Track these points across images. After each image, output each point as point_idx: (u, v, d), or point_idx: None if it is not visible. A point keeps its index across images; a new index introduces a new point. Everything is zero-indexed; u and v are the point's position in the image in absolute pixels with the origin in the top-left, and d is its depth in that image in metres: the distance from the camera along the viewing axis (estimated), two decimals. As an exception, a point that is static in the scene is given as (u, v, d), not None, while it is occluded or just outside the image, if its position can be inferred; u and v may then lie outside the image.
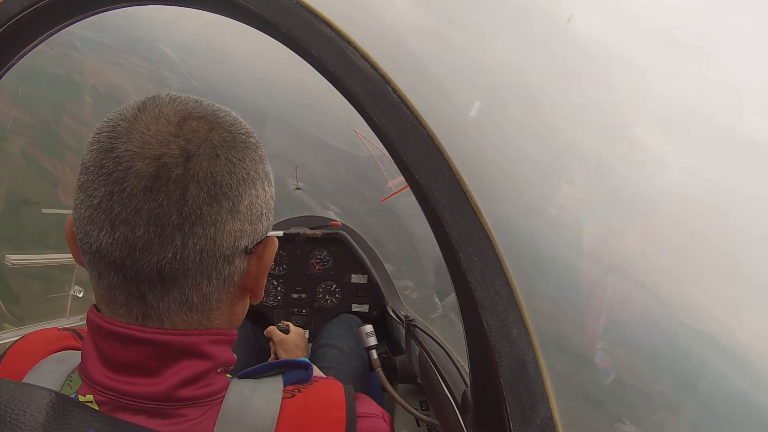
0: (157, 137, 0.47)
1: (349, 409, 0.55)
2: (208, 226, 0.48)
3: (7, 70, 0.96)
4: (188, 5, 0.90)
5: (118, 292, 0.49)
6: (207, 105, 0.52)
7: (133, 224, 0.46)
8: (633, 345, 2.94)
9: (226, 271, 0.51)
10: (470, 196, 0.72)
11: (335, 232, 2.16)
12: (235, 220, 0.50)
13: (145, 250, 0.46)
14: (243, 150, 0.51)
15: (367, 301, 2.09)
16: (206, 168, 0.47)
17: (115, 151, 0.47)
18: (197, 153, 0.47)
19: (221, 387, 0.52)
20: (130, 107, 0.50)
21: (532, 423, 0.67)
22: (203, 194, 0.47)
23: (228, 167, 0.49)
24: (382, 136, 0.75)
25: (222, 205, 0.48)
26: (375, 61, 0.77)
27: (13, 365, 0.58)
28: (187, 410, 0.49)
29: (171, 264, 0.47)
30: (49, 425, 0.41)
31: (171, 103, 0.51)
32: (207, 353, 0.51)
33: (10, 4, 0.87)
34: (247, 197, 0.50)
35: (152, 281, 0.48)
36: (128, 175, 0.46)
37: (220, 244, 0.49)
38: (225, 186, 0.48)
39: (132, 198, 0.46)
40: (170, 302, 0.49)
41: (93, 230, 0.47)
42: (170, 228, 0.46)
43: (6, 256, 2.01)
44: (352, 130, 2.97)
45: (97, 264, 0.49)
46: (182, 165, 0.47)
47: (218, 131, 0.50)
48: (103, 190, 0.46)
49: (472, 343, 0.74)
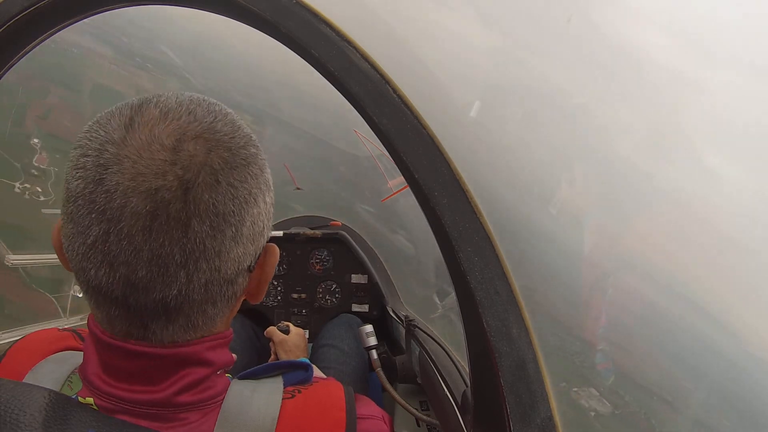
0: (151, 167, 0.43)
1: (349, 410, 0.55)
2: (212, 258, 0.45)
3: (7, 70, 0.96)
4: (188, 5, 0.90)
5: (118, 322, 0.48)
6: (202, 115, 0.47)
7: (133, 265, 0.43)
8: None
9: (230, 292, 0.50)
10: (470, 196, 0.72)
11: (335, 232, 2.16)
12: (239, 245, 0.47)
13: (148, 289, 0.44)
14: (244, 168, 0.47)
15: (367, 301, 2.08)
16: (207, 199, 0.44)
17: (105, 184, 0.42)
18: (196, 182, 0.44)
19: (221, 389, 0.52)
20: (116, 125, 0.45)
21: (532, 423, 0.67)
22: (206, 228, 0.44)
23: (230, 192, 0.46)
24: (382, 136, 0.75)
25: (225, 234, 0.46)
26: (375, 61, 0.77)
27: (13, 365, 0.58)
28: (186, 414, 0.49)
29: (176, 299, 0.45)
30: (49, 425, 0.41)
31: (162, 119, 0.45)
32: (207, 360, 0.51)
33: (10, 4, 0.87)
34: (250, 218, 0.48)
35: (157, 314, 0.46)
36: (123, 213, 0.42)
37: (224, 272, 0.47)
38: (227, 214, 0.45)
39: (131, 239, 0.42)
40: (175, 330, 0.48)
41: (90, 268, 0.44)
42: (174, 267, 0.44)
43: (6, 256, 2.01)
44: (352, 130, 2.97)
45: (95, 296, 0.47)
46: (181, 198, 0.43)
47: (217, 151, 0.46)
48: (97, 229, 0.43)
49: (472, 343, 0.74)
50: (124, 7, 0.93)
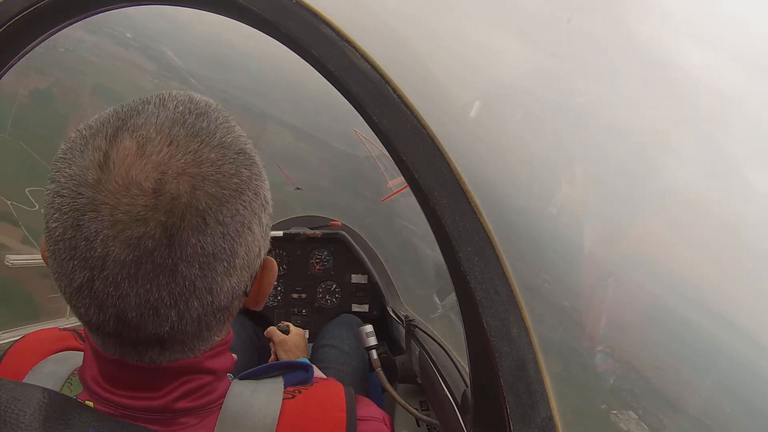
0: (131, 213, 0.39)
1: (350, 411, 0.55)
2: (204, 295, 0.43)
3: (7, 70, 0.96)
4: (188, 5, 0.90)
5: (111, 349, 0.47)
6: (185, 144, 0.42)
7: (122, 308, 0.42)
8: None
9: (225, 316, 0.49)
10: (470, 196, 0.72)
11: (335, 232, 2.16)
12: (232, 278, 0.45)
13: (140, 327, 0.43)
14: (236, 200, 0.43)
15: (367, 301, 2.08)
16: (194, 243, 0.41)
17: (83, 230, 0.40)
18: (182, 226, 0.40)
19: (222, 393, 0.52)
20: (89, 162, 0.41)
21: (532, 423, 0.67)
22: (195, 270, 0.42)
23: (219, 231, 0.42)
24: (382, 136, 0.75)
25: (216, 270, 0.43)
26: (375, 61, 0.77)
27: (13, 365, 0.58)
28: (186, 419, 0.49)
29: (170, 333, 0.44)
30: (49, 425, 0.41)
31: (140, 156, 0.40)
32: (208, 369, 0.51)
33: (10, 4, 0.87)
34: (243, 248, 0.45)
35: (151, 344, 0.46)
36: (106, 262, 0.40)
37: (218, 304, 0.45)
38: (218, 252, 0.43)
39: (116, 286, 0.41)
40: (172, 354, 0.48)
41: (79, 306, 0.44)
42: (164, 308, 0.42)
43: (6, 256, 2.01)
44: (352, 130, 2.97)
45: (88, 328, 0.46)
46: (166, 245, 0.40)
47: (203, 188, 0.41)
48: (81, 276, 0.41)
49: (472, 343, 0.74)
50: (124, 7, 0.94)
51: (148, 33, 4.19)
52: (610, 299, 4.03)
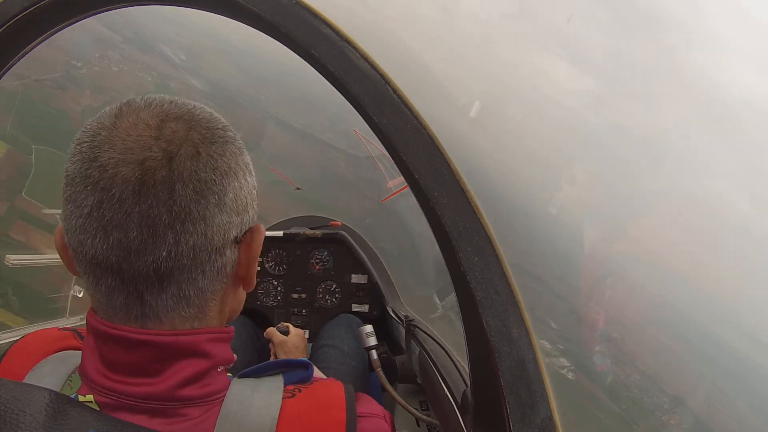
0: (139, 142, 0.48)
1: (350, 409, 0.55)
2: (198, 222, 0.49)
3: (7, 70, 0.96)
4: (188, 5, 0.90)
5: (116, 296, 0.50)
6: (182, 104, 0.53)
7: (125, 228, 0.47)
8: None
9: (219, 263, 0.52)
10: (470, 196, 0.72)
11: (335, 232, 2.16)
12: (223, 213, 0.51)
13: (140, 252, 0.48)
14: (222, 145, 0.52)
15: (367, 301, 2.08)
16: (189, 166, 0.49)
17: (98, 160, 0.48)
18: (179, 153, 0.49)
19: (222, 386, 0.53)
20: (107, 115, 0.51)
21: (532, 423, 0.67)
22: (189, 192, 0.48)
23: (210, 163, 0.50)
24: (382, 136, 0.75)
25: (208, 200, 0.50)
26: (375, 61, 0.77)
27: (13, 365, 0.58)
28: (187, 410, 0.49)
29: (166, 262, 0.48)
30: (49, 425, 0.42)
31: (147, 106, 0.51)
32: (206, 352, 0.52)
33: (10, 4, 0.87)
34: (231, 190, 0.52)
35: (149, 281, 0.49)
36: (115, 181, 0.47)
37: (210, 238, 0.50)
38: (209, 182, 0.50)
39: (122, 203, 0.47)
40: (168, 299, 0.50)
41: (86, 239, 0.48)
42: (162, 227, 0.48)
43: (6, 256, 2.01)
44: (352, 130, 2.97)
45: (94, 270, 0.50)
46: (166, 166, 0.48)
47: (197, 129, 0.51)
48: (92, 199, 0.47)
49: (472, 343, 0.74)
50: (124, 7, 0.94)
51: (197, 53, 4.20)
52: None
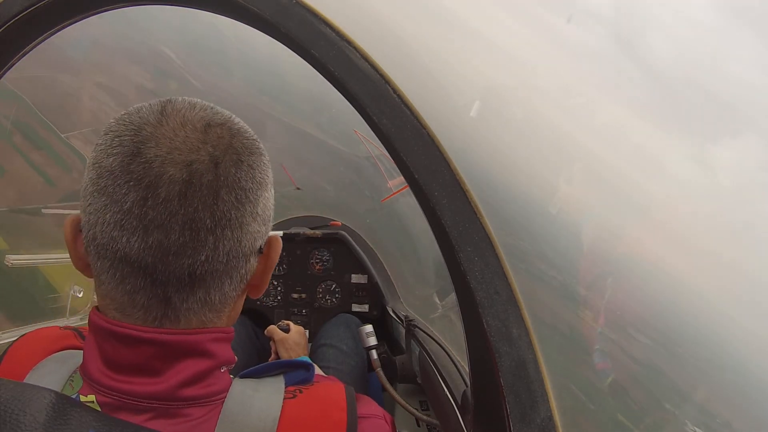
0: (186, 144, 0.48)
1: (350, 410, 0.55)
2: (236, 228, 0.50)
3: (7, 70, 0.96)
4: (188, 5, 0.90)
5: (139, 296, 0.49)
6: (221, 111, 0.54)
7: (168, 229, 0.47)
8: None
9: (244, 270, 0.53)
10: (470, 196, 0.72)
11: (335, 232, 2.16)
12: (255, 222, 0.52)
13: (179, 254, 0.47)
14: (259, 156, 0.53)
15: (367, 301, 2.08)
16: (233, 173, 0.49)
17: (143, 155, 0.47)
18: (224, 159, 0.49)
19: (224, 387, 0.53)
20: (151, 111, 0.50)
21: (532, 423, 0.67)
22: (232, 199, 0.49)
23: (250, 173, 0.51)
24: (382, 136, 0.75)
25: (246, 208, 0.50)
26: (375, 61, 0.77)
27: (14, 364, 0.57)
28: (189, 410, 0.49)
29: (203, 266, 0.49)
30: (49, 425, 0.41)
31: (191, 108, 0.51)
32: (209, 351, 0.52)
33: (10, 4, 0.87)
34: (263, 200, 0.53)
35: (182, 283, 0.49)
36: (161, 180, 0.46)
37: (243, 245, 0.51)
38: (248, 190, 0.51)
39: (167, 203, 0.46)
40: (194, 302, 0.50)
41: (122, 236, 0.47)
42: (204, 232, 0.48)
43: (6, 256, 2.01)
44: (352, 131, 2.97)
45: (121, 268, 0.49)
46: (212, 171, 0.48)
47: (239, 138, 0.52)
48: (134, 195, 0.46)
49: (472, 343, 0.74)
50: (124, 7, 0.94)
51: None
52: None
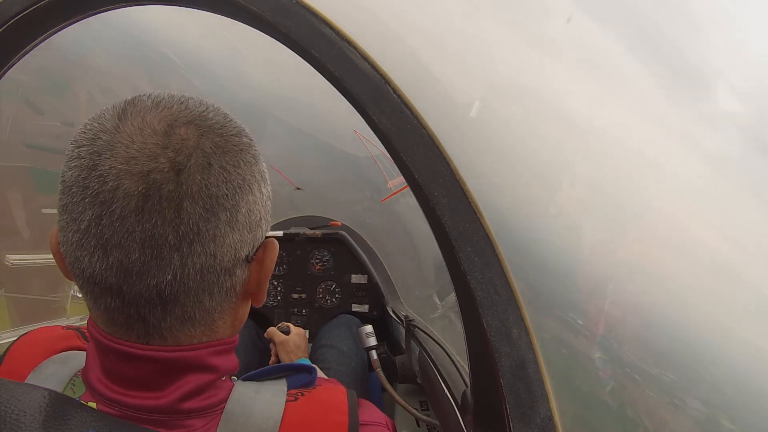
0: (143, 150, 0.43)
1: (352, 414, 0.55)
2: (207, 242, 0.45)
3: (7, 70, 0.96)
4: (188, 5, 0.90)
5: (116, 315, 0.47)
6: (193, 105, 0.48)
7: (126, 248, 0.43)
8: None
9: (228, 284, 0.49)
10: (470, 196, 0.72)
11: (335, 232, 2.16)
12: (234, 232, 0.46)
13: (143, 274, 0.43)
14: (237, 154, 0.47)
15: (367, 301, 2.08)
16: (199, 180, 0.44)
17: (98, 169, 0.43)
18: (188, 164, 0.43)
19: (225, 395, 0.52)
20: (109, 115, 0.46)
21: (532, 423, 0.67)
22: (199, 209, 0.44)
23: (223, 176, 0.45)
24: (382, 136, 0.75)
25: (219, 217, 0.45)
26: (375, 61, 0.77)
27: (15, 364, 0.57)
28: (191, 421, 0.49)
29: (171, 285, 0.44)
30: (49, 425, 0.41)
31: (154, 108, 0.46)
32: (211, 365, 0.51)
33: (10, 4, 0.87)
34: (245, 204, 0.47)
35: (152, 303, 0.45)
36: (116, 195, 0.42)
37: (220, 259, 0.46)
38: (221, 197, 0.45)
39: (123, 220, 0.42)
40: (172, 321, 0.47)
41: (83, 256, 0.44)
42: (167, 249, 0.43)
43: (6, 256, 2.01)
44: (352, 131, 2.96)
45: (92, 289, 0.46)
46: (173, 180, 0.43)
47: (209, 136, 0.46)
48: (90, 213, 0.43)
49: (472, 343, 0.74)
50: (124, 7, 0.94)
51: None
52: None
